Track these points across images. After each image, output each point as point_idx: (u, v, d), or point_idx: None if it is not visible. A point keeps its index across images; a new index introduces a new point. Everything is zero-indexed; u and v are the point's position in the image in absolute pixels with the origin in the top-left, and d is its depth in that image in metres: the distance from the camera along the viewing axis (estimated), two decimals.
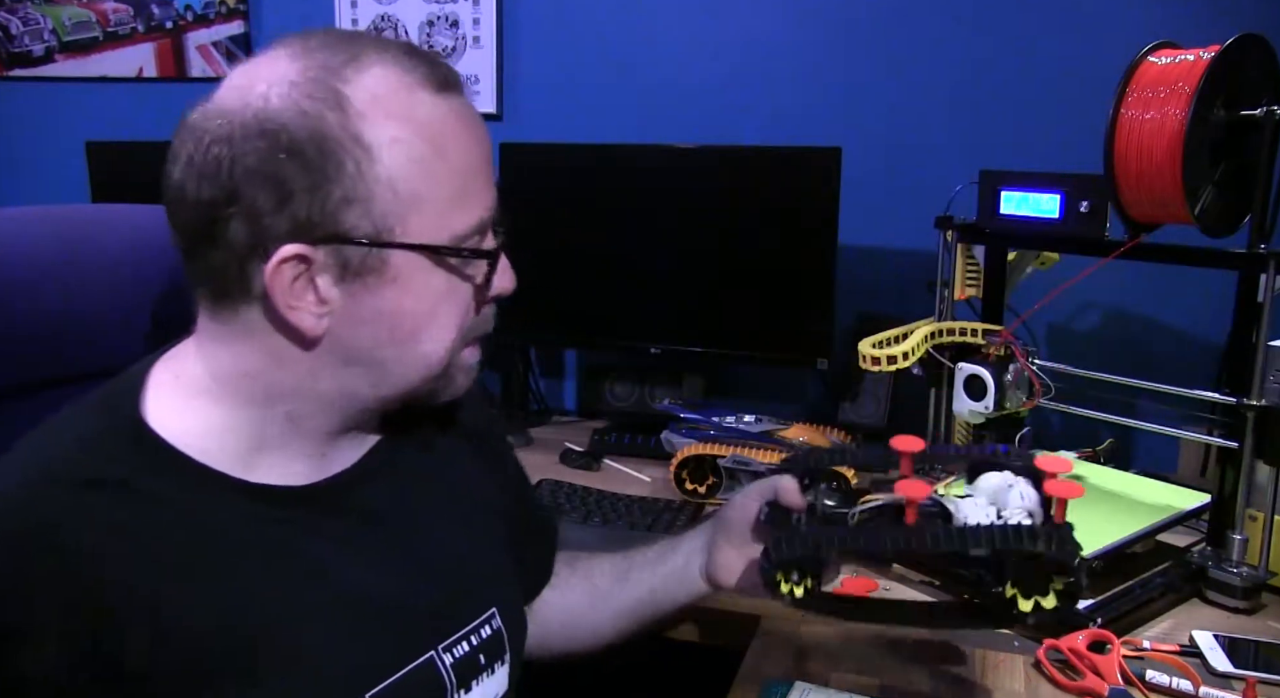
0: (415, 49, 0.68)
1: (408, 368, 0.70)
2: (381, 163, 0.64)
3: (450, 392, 0.75)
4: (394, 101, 0.65)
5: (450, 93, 0.68)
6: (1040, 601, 0.74)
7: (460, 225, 0.68)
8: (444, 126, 0.67)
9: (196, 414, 0.68)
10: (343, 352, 0.68)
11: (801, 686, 0.92)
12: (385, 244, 0.65)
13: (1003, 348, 1.24)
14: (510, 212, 1.95)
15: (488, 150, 0.72)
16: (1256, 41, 1.08)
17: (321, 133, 0.62)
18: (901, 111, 1.71)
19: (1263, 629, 1.06)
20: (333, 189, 0.63)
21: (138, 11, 2.11)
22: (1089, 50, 1.60)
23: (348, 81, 0.64)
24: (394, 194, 0.64)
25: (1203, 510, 1.20)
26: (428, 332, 0.70)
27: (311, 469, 0.73)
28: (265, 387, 0.69)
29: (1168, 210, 1.10)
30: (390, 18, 1.95)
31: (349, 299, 0.66)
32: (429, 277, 0.68)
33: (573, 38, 1.86)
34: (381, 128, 0.64)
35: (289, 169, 0.62)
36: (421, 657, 0.74)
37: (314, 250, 0.64)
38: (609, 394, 1.81)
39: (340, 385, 0.70)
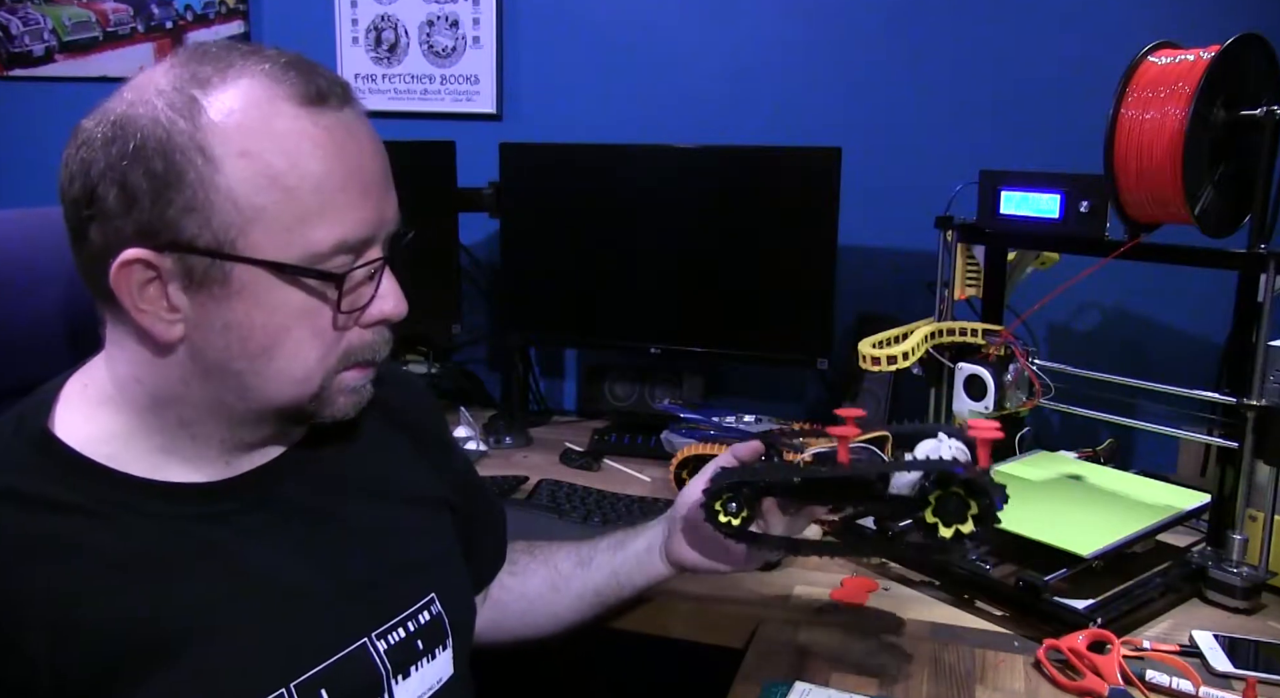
0: (298, 62, 0.67)
1: (268, 383, 0.69)
2: (224, 174, 0.63)
3: (331, 412, 0.73)
4: (250, 114, 0.64)
5: (322, 107, 0.66)
6: (960, 527, 0.81)
7: (317, 243, 0.66)
8: (302, 142, 0.65)
9: (101, 422, 0.70)
10: (201, 361, 0.68)
11: (801, 686, 0.92)
12: (225, 256, 0.65)
13: (1003, 348, 1.24)
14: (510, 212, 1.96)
15: (364, 167, 0.69)
16: (1256, 41, 1.08)
17: (169, 141, 0.63)
18: (901, 111, 1.71)
19: (1263, 629, 1.06)
20: (175, 197, 0.63)
21: (138, 11, 2.11)
22: (1089, 50, 1.60)
23: (209, 92, 0.64)
24: (235, 207, 0.64)
25: (1203, 510, 1.20)
26: (282, 348, 0.68)
27: (224, 468, 0.74)
28: (151, 392, 0.70)
29: (1168, 210, 1.10)
30: (390, 18, 1.95)
31: (199, 308, 0.67)
32: (280, 293, 0.67)
33: (573, 38, 1.86)
34: (230, 139, 0.63)
35: (135, 174, 0.63)
36: (353, 645, 0.74)
37: (159, 257, 0.64)
38: (609, 394, 1.81)
39: (209, 395, 0.70)
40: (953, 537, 0.81)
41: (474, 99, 1.92)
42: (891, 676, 0.96)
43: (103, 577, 0.65)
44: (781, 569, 1.19)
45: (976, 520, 0.81)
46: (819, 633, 1.05)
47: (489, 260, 1.92)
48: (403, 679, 0.77)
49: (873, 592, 1.13)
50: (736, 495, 0.88)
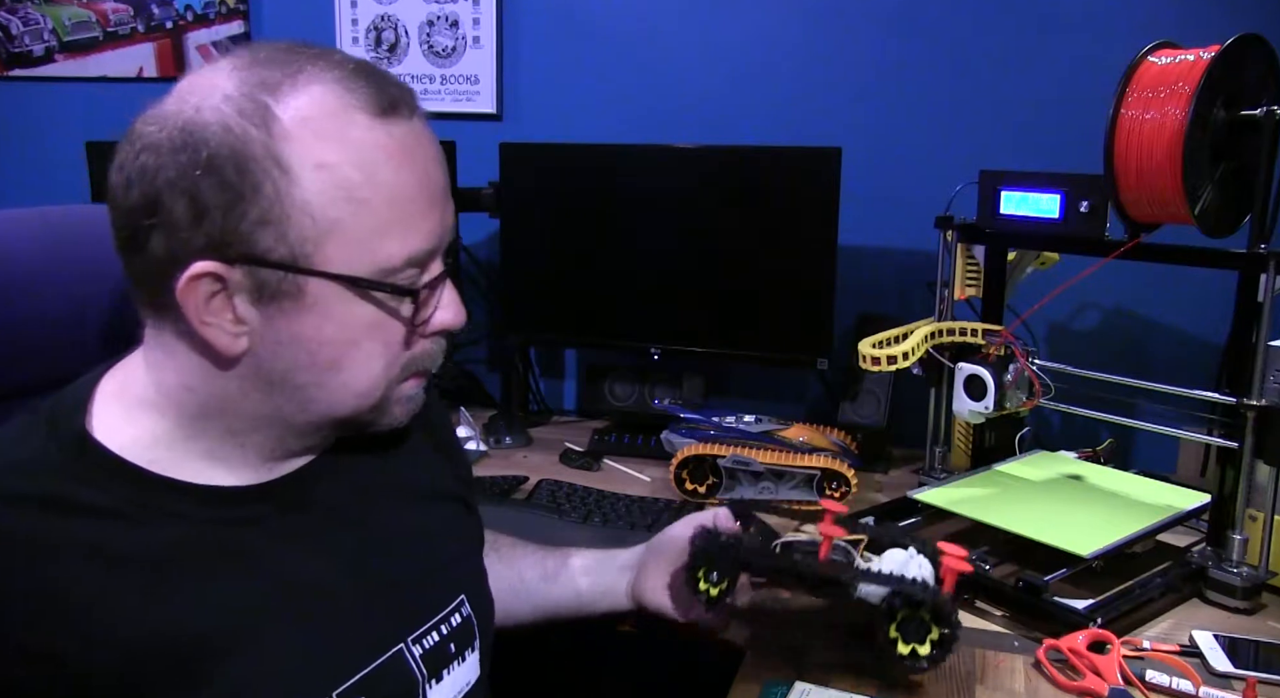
0: (366, 68, 0.66)
1: (332, 396, 0.68)
2: (301, 186, 0.61)
3: (386, 422, 0.73)
4: (325, 124, 0.62)
5: (394, 117, 0.65)
6: (917, 647, 0.86)
7: (389, 257, 0.65)
8: (377, 154, 0.64)
9: (142, 425, 0.68)
10: (265, 373, 0.67)
11: (801, 686, 0.92)
12: (300, 270, 0.63)
13: (1003, 348, 1.24)
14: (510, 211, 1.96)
15: (434, 179, 0.68)
16: (1256, 41, 1.08)
17: (243, 151, 0.61)
18: (901, 111, 1.71)
19: (1263, 629, 1.06)
20: (248, 209, 0.61)
21: (138, 11, 2.11)
22: (1089, 50, 1.60)
23: (280, 100, 0.62)
24: (311, 220, 0.62)
25: (1203, 510, 1.20)
26: (350, 361, 0.67)
27: (262, 472, 0.72)
28: (203, 401, 0.68)
29: (1168, 210, 1.10)
30: (390, 18, 1.95)
31: (267, 322, 0.65)
32: (351, 307, 0.66)
33: (573, 38, 1.86)
34: (306, 150, 0.62)
35: (206, 185, 0.61)
36: (389, 651, 0.74)
37: (229, 269, 0.62)
38: (609, 394, 1.81)
39: (269, 407, 0.69)
40: (909, 654, 0.87)
41: (474, 99, 1.92)
42: (891, 676, 0.96)
43: (142, 582, 0.64)
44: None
45: (935, 644, 0.86)
46: (819, 633, 1.04)
47: (489, 260, 1.92)
48: (436, 684, 0.77)
49: None
50: (720, 567, 0.92)
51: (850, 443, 1.52)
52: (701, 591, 0.92)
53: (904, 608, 0.86)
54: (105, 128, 2.04)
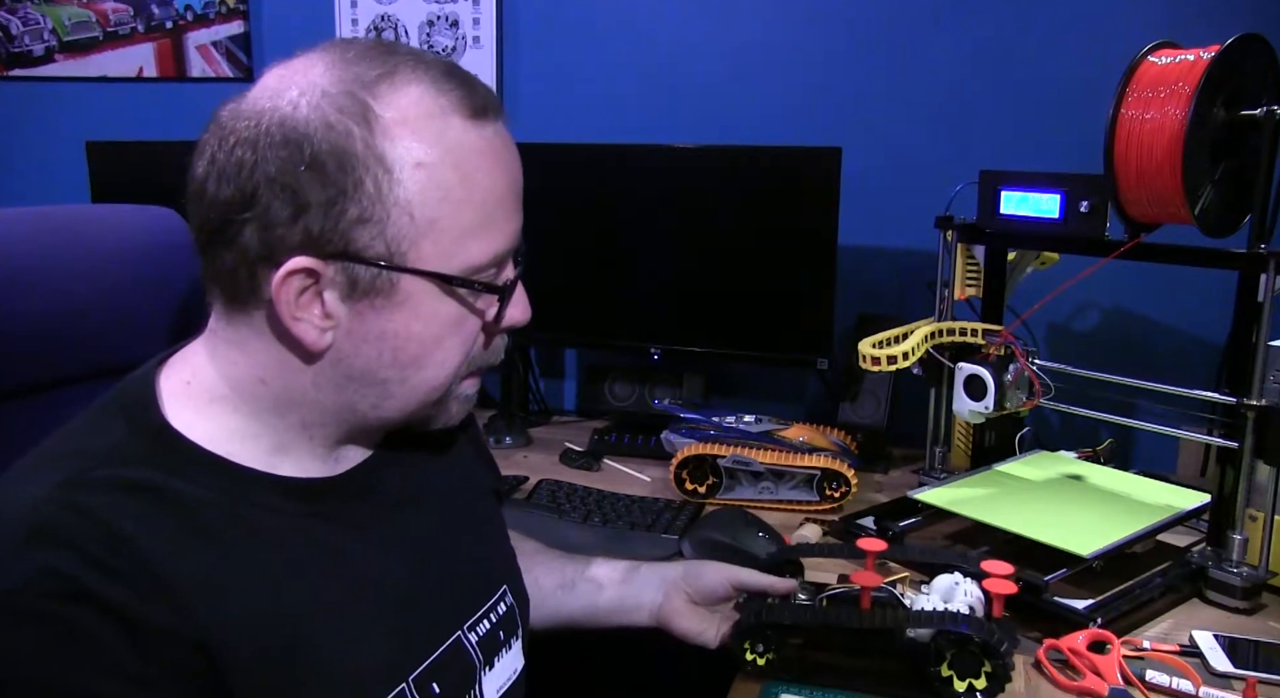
0: (456, 70, 0.67)
1: (409, 392, 0.70)
2: (402, 185, 0.63)
3: (444, 420, 0.75)
4: (424, 124, 0.64)
5: (485, 120, 0.67)
6: (973, 682, 0.87)
7: (476, 256, 0.67)
8: (472, 155, 0.66)
9: (216, 420, 0.68)
10: (345, 368, 0.68)
11: (802, 686, 0.92)
12: (396, 267, 0.64)
13: (1003, 348, 1.24)
14: None
15: (517, 181, 0.71)
16: (1256, 41, 1.08)
17: (345, 149, 0.61)
18: (901, 111, 1.71)
19: (1263, 629, 1.06)
20: (349, 206, 0.62)
21: (138, 11, 2.11)
22: (1089, 50, 1.60)
23: (379, 98, 0.63)
24: (410, 218, 0.63)
25: (1203, 510, 1.20)
26: (432, 358, 0.69)
27: (331, 465, 0.73)
28: (277, 394, 0.68)
29: (1168, 210, 1.10)
30: (390, 18, 1.95)
31: (355, 317, 0.66)
32: (438, 304, 0.67)
33: (573, 38, 1.86)
34: (407, 150, 0.63)
35: (307, 181, 0.61)
36: (450, 638, 0.75)
37: (324, 265, 0.63)
38: (609, 394, 1.81)
39: (343, 401, 0.69)
40: (965, 690, 0.87)
41: None
42: (892, 676, 0.96)
43: (245, 567, 0.64)
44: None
45: (989, 678, 0.86)
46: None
47: None
48: (489, 671, 0.79)
49: None
50: (765, 638, 0.93)
51: (850, 443, 1.52)
52: (749, 659, 0.93)
53: (952, 647, 0.87)
54: (105, 128, 2.04)
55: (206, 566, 0.61)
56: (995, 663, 0.86)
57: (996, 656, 0.86)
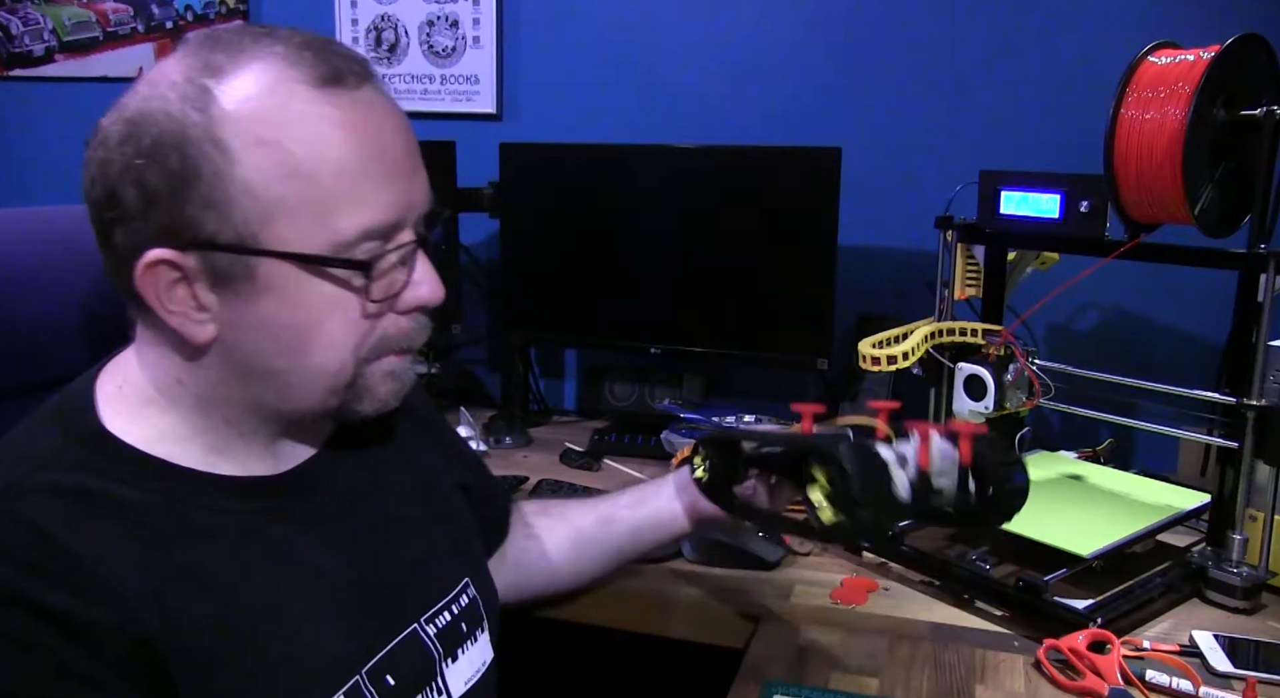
0: (314, 42, 0.64)
1: (306, 380, 0.67)
2: (241, 166, 0.61)
3: (373, 404, 0.71)
4: (264, 101, 0.61)
5: (339, 88, 0.63)
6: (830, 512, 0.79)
7: (341, 232, 0.63)
8: (322, 126, 0.62)
9: (150, 423, 0.68)
10: (237, 361, 0.67)
11: (802, 686, 0.93)
12: (248, 251, 0.62)
13: (1003, 348, 1.24)
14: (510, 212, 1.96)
15: (390, 149, 0.65)
16: (1256, 41, 1.08)
17: (183, 135, 0.61)
18: (901, 111, 1.71)
19: (1263, 629, 1.06)
20: (192, 193, 0.61)
21: (138, 11, 2.11)
22: (1089, 50, 1.60)
23: (222, 80, 0.61)
24: (255, 200, 0.61)
25: (1203, 510, 1.20)
26: (314, 343, 0.66)
27: (273, 463, 0.73)
28: (194, 393, 0.68)
29: (1168, 210, 1.10)
30: (390, 18, 1.95)
31: (227, 307, 0.64)
32: (304, 286, 0.64)
33: (573, 38, 1.86)
34: (246, 129, 0.61)
35: (151, 173, 0.61)
36: (404, 631, 0.75)
37: (182, 256, 0.62)
38: (609, 394, 1.81)
39: (250, 396, 0.68)
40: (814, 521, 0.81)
41: (474, 99, 1.92)
42: (891, 676, 0.96)
43: (183, 570, 0.63)
44: (781, 569, 1.19)
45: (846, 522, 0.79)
46: (819, 633, 1.05)
47: (489, 260, 1.92)
48: (452, 663, 0.79)
49: (873, 592, 1.13)
50: (716, 455, 0.94)
51: None
52: (696, 465, 0.95)
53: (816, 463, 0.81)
54: None
55: (146, 565, 0.61)
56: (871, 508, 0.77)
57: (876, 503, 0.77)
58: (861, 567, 1.20)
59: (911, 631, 1.05)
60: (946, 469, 0.81)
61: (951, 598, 1.12)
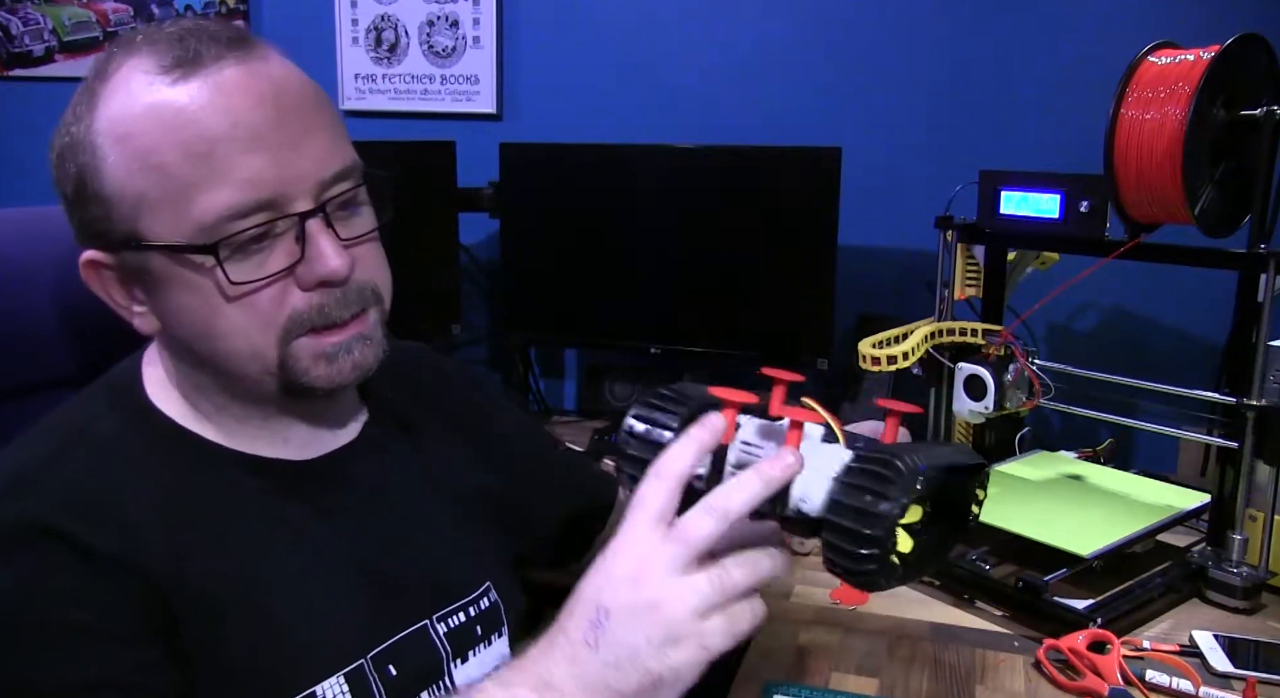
0: (186, 29, 0.64)
1: (232, 364, 0.68)
2: (109, 164, 0.62)
3: (314, 380, 0.68)
4: (124, 98, 0.62)
5: (191, 70, 0.62)
6: None
7: (201, 215, 0.62)
8: (167, 113, 0.61)
9: (176, 403, 0.72)
10: (181, 349, 0.70)
11: (802, 686, 0.93)
12: (132, 247, 0.64)
13: (1003, 348, 1.24)
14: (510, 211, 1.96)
15: (245, 122, 0.62)
16: (1256, 41, 1.08)
17: (73, 144, 0.63)
18: (901, 111, 1.71)
19: (1263, 629, 1.06)
20: (87, 198, 0.63)
21: (138, 11, 2.11)
22: (1089, 50, 1.60)
23: (105, 82, 0.63)
24: (122, 197, 0.62)
25: (1203, 510, 1.19)
26: (216, 328, 0.66)
27: (289, 447, 0.75)
28: (181, 382, 0.72)
29: (1168, 210, 1.10)
30: (390, 18, 1.95)
31: (151, 299, 0.68)
32: (187, 275, 0.64)
33: (573, 38, 1.86)
34: (109, 129, 0.62)
35: (60, 180, 0.65)
36: (414, 625, 0.76)
37: (103, 256, 0.66)
38: (609, 394, 1.81)
39: (211, 380, 0.71)
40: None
41: (474, 99, 1.92)
42: (891, 676, 0.96)
43: (205, 537, 0.66)
44: None
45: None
46: (819, 633, 1.05)
47: (489, 260, 1.92)
48: (461, 663, 0.79)
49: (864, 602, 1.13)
50: None
51: None
52: None
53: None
54: None
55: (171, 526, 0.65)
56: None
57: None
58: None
59: (911, 631, 1.05)
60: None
61: (951, 598, 1.12)
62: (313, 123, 0.65)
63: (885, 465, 0.59)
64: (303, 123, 0.64)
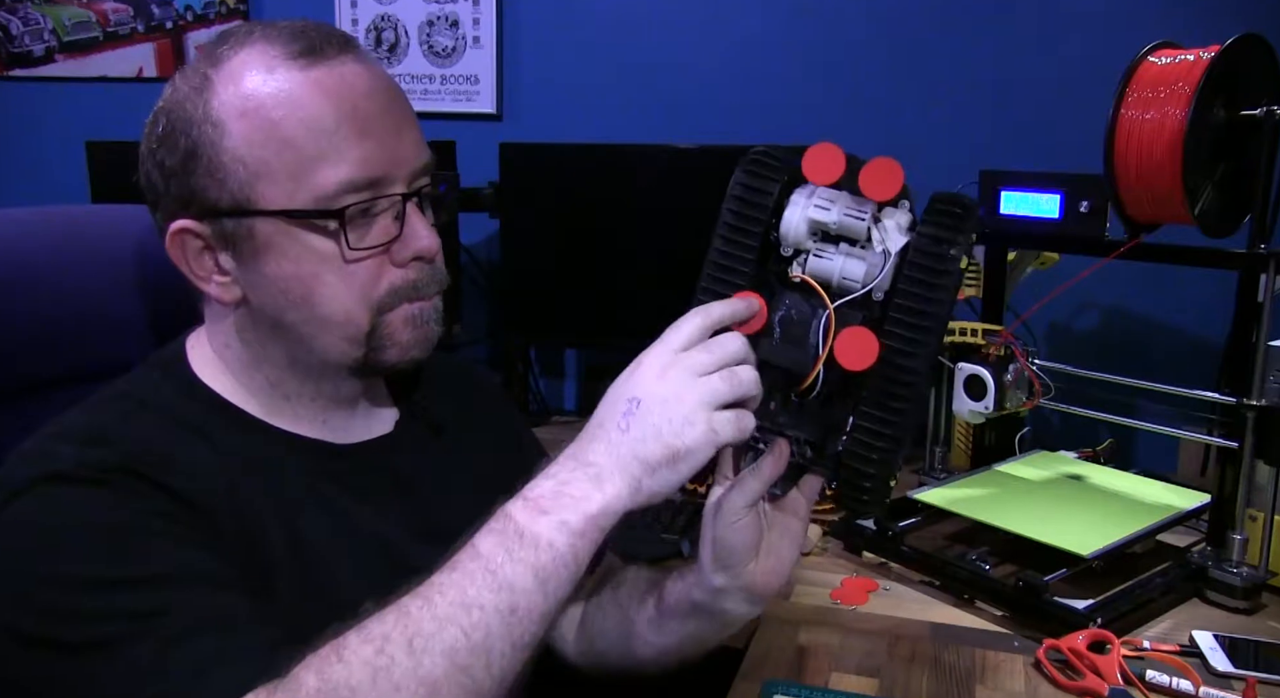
0: (302, 25, 0.72)
1: (320, 331, 0.73)
2: (230, 137, 0.68)
3: (398, 354, 0.75)
4: (248, 77, 0.69)
5: (315, 59, 0.70)
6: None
7: (321, 186, 0.69)
8: (297, 93, 0.68)
9: (223, 382, 0.76)
10: (262, 319, 0.73)
11: (802, 686, 0.93)
12: (243, 213, 0.69)
13: (1003, 348, 1.24)
14: (510, 211, 1.96)
15: (363, 107, 0.70)
16: (1256, 41, 1.08)
17: (185, 116, 0.69)
18: (901, 111, 1.71)
19: (1263, 629, 1.06)
20: (196, 166, 0.69)
21: (138, 11, 2.12)
22: (1089, 50, 1.60)
23: (218, 64, 0.70)
24: (242, 165, 0.68)
25: (1203, 510, 1.20)
26: (317, 294, 0.71)
27: (338, 435, 0.79)
28: (239, 356, 0.76)
29: (1168, 210, 1.10)
30: (390, 18, 1.95)
31: (243, 268, 0.72)
32: (298, 240, 0.70)
33: (573, 38, 1.86)
34: (232, 105, 0.68)
35: (166, 154, 0.70)
36: None
37: (198, 224, 0.71)
38: None
39: (280, 354, 0.75)
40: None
41: (474, 99, 1.92)
42: (891, 676, 0.96)
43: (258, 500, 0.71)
44: None
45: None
46: (819, 633, 1.05)
47: (489, 260, 1.92)
48: None
49: (872, 592, 1.13)
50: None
51: None
52: None
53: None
54: (105, 128, 2.04)
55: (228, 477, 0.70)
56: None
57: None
58: (861, 567, 1.20)
59: (911, 631, 1.05)
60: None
61: (951, 598, 1.12)
62: (407, 118, 0.74)
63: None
64: (402, 117, 0.73)
